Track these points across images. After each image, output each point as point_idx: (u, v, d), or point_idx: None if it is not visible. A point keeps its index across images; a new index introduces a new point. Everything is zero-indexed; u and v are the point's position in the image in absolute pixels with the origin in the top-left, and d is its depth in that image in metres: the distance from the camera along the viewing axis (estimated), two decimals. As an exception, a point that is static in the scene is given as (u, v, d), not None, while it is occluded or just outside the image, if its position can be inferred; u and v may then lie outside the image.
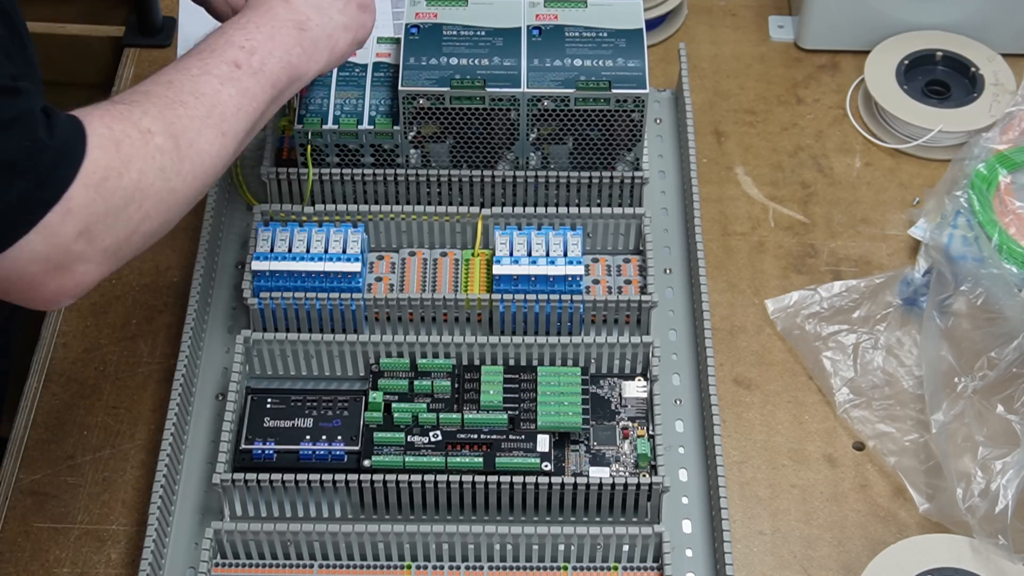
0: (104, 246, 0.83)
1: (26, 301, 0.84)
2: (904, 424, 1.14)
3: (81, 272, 0.83)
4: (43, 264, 0.81)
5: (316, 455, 1.05)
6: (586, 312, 1.14)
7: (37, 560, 1.07)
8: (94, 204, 0.81)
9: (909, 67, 1.40)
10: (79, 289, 0.84)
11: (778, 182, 1.34)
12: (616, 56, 1.17)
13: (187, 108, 0.88)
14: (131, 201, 0.83)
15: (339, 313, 1.13)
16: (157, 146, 0.85)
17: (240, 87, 0.92)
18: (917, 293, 1.20)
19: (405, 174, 1.20)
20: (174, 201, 0.87)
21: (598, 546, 1.01)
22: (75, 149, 0.80)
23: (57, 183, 0.79)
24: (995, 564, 1.04)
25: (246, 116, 0.92)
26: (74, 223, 0.80)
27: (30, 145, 0.77)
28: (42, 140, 0.78)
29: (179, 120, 0.87)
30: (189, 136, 0.87)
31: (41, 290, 0.82)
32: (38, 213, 0.78)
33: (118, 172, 0.82)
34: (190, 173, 0.87)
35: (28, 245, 0.79)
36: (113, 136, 0.83)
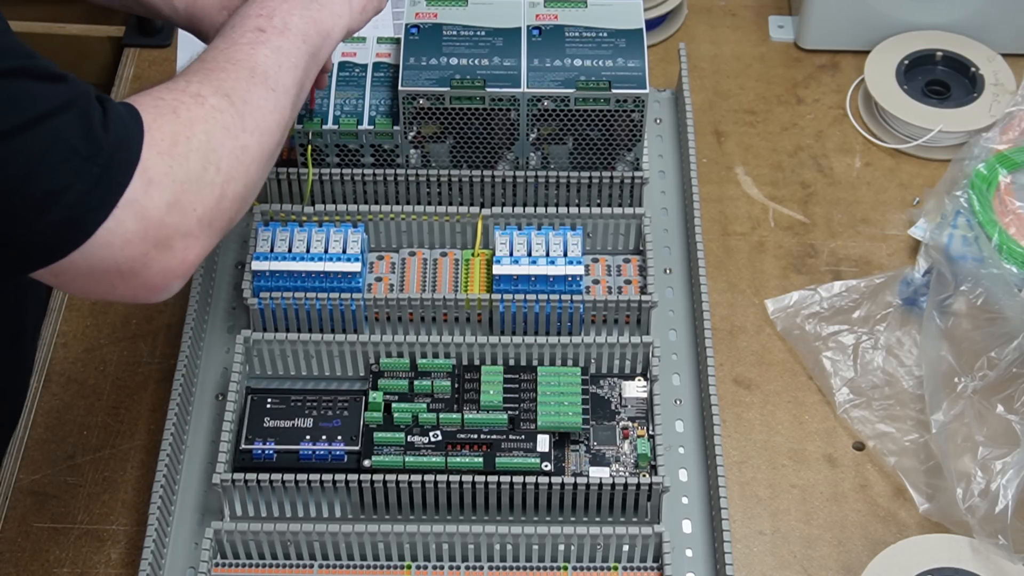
0: (198, 216, 0.82)
1: (136, 291, 0.82)
2: (904, 424, 1.14)
3: (182, 248, 0.82)
4: (141, 244, 0.80)
5: (316, 455, 1.05)
6: (586, 312, 1.14)
7: (37, 560, 1.07)
8: (172, 171, 0.81)
9: (909, 67, 1.40)
10: (185, 267, 0.83)
11: (778, 182, 1.34)
12: (616, 56, 1.17)
13: (228, 73, 0.89)
14: (207, 163, 0.83)
15: (339, 313, 1.13)
16: (213, 106, 0.85)
17: (271, 47, 0.92)
18: (917, 293, 1.20)
19: (405, 174, 1.20)
20: (249, 159, 0.87)
21: (598, 546, 1.01)
22: (131, 127, 0.80)
23: (121, 164, 0.78)
24: (995, 564, 1.04)
25: (289, 72, 0.92)
26: (160, 194, 0.80)
27: (88, 128, 0.77)
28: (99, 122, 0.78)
29: (225, 82, 0.88)
30: (240, 94, 0.87)
31: (147, 274, 0.81)
32: (111, 195, 0.78)
33: (185, 136, 0.82)
34: (255, 128, 0.87)
35: (120, 227, 0.78)
36: (168, 105, 0.83)
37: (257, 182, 0.89)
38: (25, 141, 0.74)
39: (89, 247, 0.78)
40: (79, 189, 0.76)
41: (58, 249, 0.78)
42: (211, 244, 0.85)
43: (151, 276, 0.82)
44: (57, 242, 0.77)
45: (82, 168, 0.76)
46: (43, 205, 0.76)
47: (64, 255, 0.78)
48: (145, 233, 0.80)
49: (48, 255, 0.78)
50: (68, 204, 0.76)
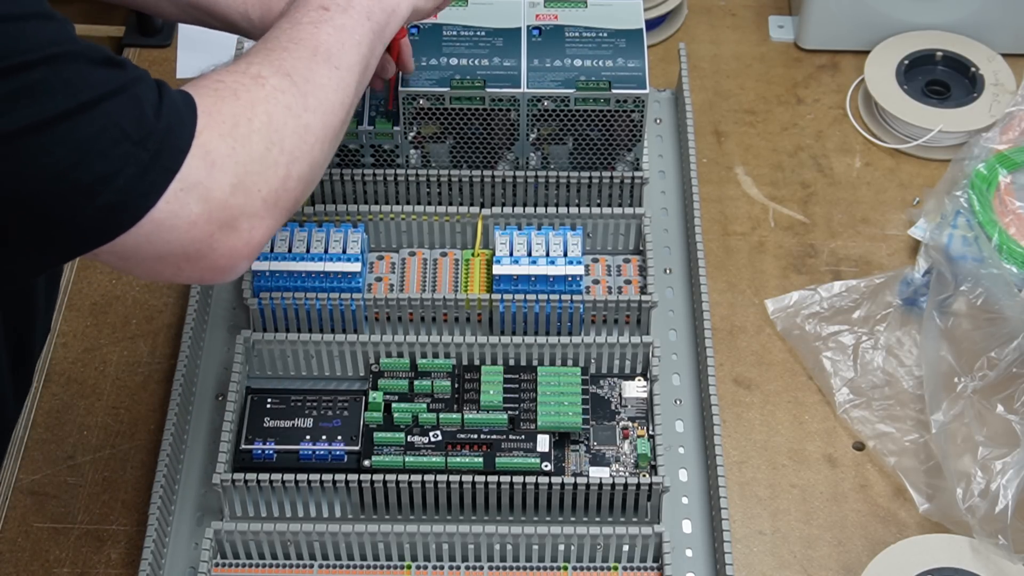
0: (263, 196, 0.82)
1: (203, 272, 0.82)
2: (904, 424, 1.14)
3: (247, 228, 0.82)
4: (206, 226, 0.79)
5: (316, 455, 1.06)
6: (586, 312, 1.14)
7: (37, 560, 1.07)
8: (235, 152, 0.80)
9: (909, 67, 1.40)
10: (251, 248, 0.83)
11: (778, 182, 1.34)
12: (616, 56, 1.17)
13: (290, 52, 0.88)
14: (271, 144, 0.83)
15: (339, 313, 1.13)
16: (274, 86, 0.85)
17: (335, 24, 0.92)
18: (917, 293, 1.20)
19: (405, 174, 1.20)
20: (312, 138, 0.86)
21: (598, 546, 1.01)
22: (185, 114, 0.79)
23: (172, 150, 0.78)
24: (995, 564, 1.04)
25: (353, 50, 0.92)
26: (223, 176, 0.80)
27: (140, 113, 0.77)
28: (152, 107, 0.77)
29: (286, 61, 0.87)
30: (301, 73, 0.87)
31: (213, 256, 0.81)
32: (161, 181, 0.77)
33: (247, 117, 0.82)
34: (317, 107, 0.87)
35: (184, 209, 0.78)
36: (228, 87, 0.83)
37: (322, 162, 0.88)
38: (77, 125, 0.74)
39: (154, 231, 0.78)
40: (128, 174, 0.76)
41: (105, 233, 0.77)
42: (277, 224, 0.85)
43: (217, 258, 0.81)
44: (104, 226, 0.77)
45: (132, 153, 0.76)
46: (92, 189, 0.75)
47: (111, 239, 0.77)
48: (210, 215, 0.79)
49: (95, 239, 0.77)
50: (117, 189, 0.76)
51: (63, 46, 0.75)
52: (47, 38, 0.74)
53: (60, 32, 0.75)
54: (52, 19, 0.75)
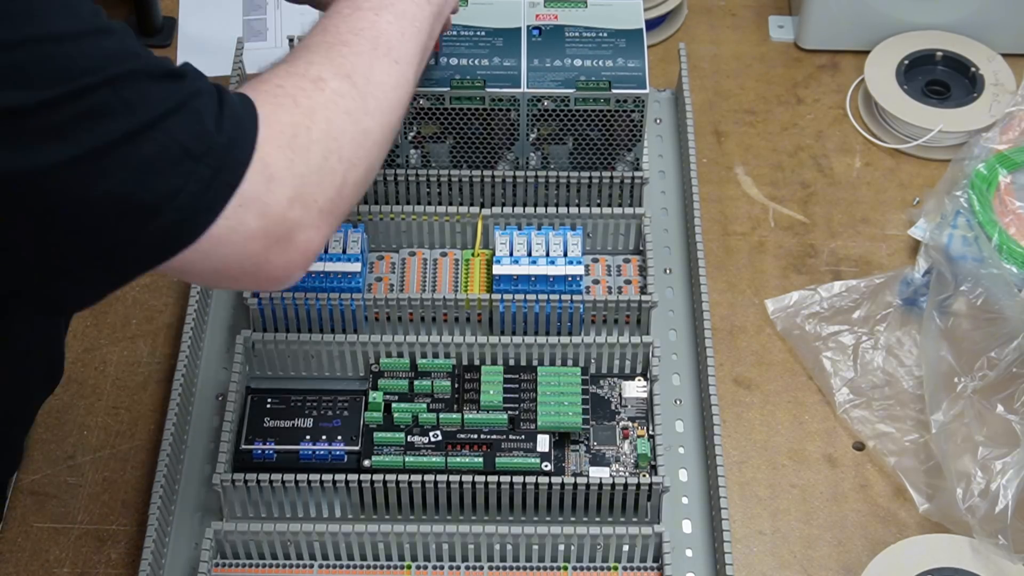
0: (319, 207, 0.80)
1: (259, 283, 0.81)
2: (904, 424, 1.14)
3: (303, 240, 0.80)
4: (263, 240, 0.78)
5: (316, 455, 1.05)
6: (586, 312, 1.14)
7: (37, 560, 1.07)
8: (294, 164, 0.79)
9: (909, 67, 1.40)
10: (306, 259, 0.81)
11: (778, 182, 1.34)
12: (616, 56, 1.17)
13: (351, 47, 0.86)
14: (329, 153, 0.81)
15: (339, 313, 1.13)
16: (334, 90, 0.83)
17: (396, 11, 0.90)
18: (917, 293, 1.20)
19: (405, 174, 1.20)
20: (371, 143, 0.84)
21: (598, 546, 1.01)
22: (246, 124, 0.78)
23: (233, 165, 0.76)
24: (995, 564, 1.04)
25: (413, 39, 0.90)
26: (281, 190, 0.78)
27: (202, 128, 0.75)
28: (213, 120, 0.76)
29: (347, 60, 0.85)
30: (362, 72, 0.85)
31: (268, 268, 0.80)
32: (222, 197, 0.76)
33: (306, 127, 0.80)
34: (376, 109, 0.85)
35: (242, 225, 0.77)
36: (287, 93, 0.81)
37: (377, 164, 0.87)
38: (139, 146, 0.73)
39: (212, 247, 0.77)
40: (190, 191, 0.75)
41: (167, 251, 0.76)
42: (331, 232, 0.83)
43: (273, 269, 0.80)
44: (166, 244, 0.76)
45: (193, 170, 0.75)
46: (154, 209, 0.74)
47: (172, 256, 0.76)
48: (267, 230, 0.78)
49: (156, 257, 0.76)
50: (178, 207, 0.74)
51: (123, 64, 0.73)
52: (107, 56, 0.72)
53: (119, 47, 0.74)
54: (111, 33, 0.74)
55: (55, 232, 0.73)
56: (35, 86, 0.69)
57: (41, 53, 0.69)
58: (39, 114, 0.69)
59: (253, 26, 1.44)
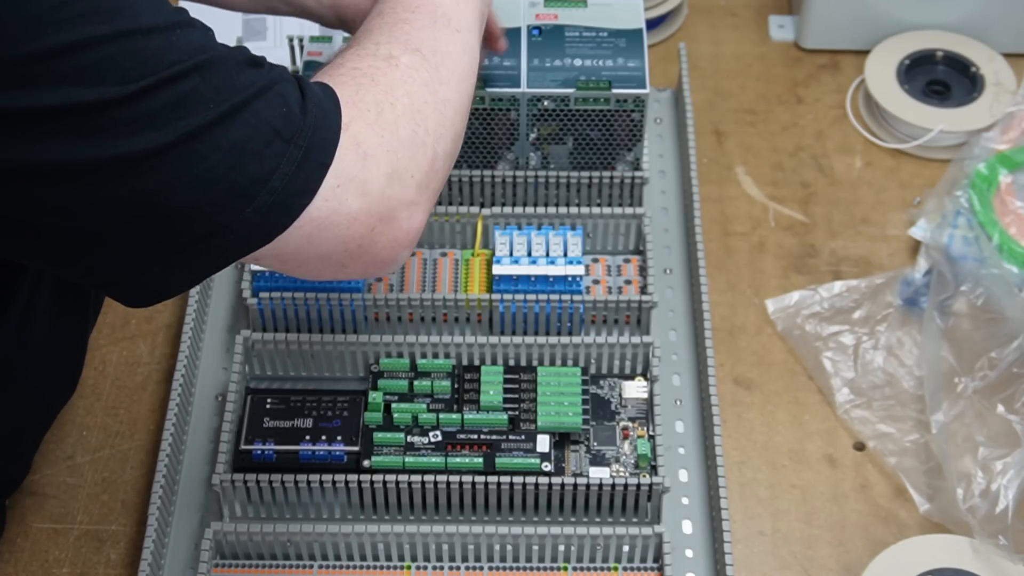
0: (416, 181, 0.81)
1: (366, 267, 0.81)
2: (904, 424, 1.14)
3: (406, 216, 0.81)
4: (366, 220, 0.78)
5: (316, 455, 1.05)
6: (586, 312, 1.14)
7: (37, 560, 1.07)
8: (384, 140, 0.79)
9: (909, 67, 1.39)
10: (411, 236, 0.81)
11: (778, 182, 1.34)
12: (616, 56, 1.17)
13: (411, 23, 0.87)
14: (416, 126, 0.82)
15: (339, 313, 1.13)
16: (407, 65, 0.84)
17: None
18: (917, 293, 1.20)
19: (405, 174, 1.19)
20: (452, 111, 0.85)
21: (598, 546, 1.01)
22: (328, 107, 0.78)
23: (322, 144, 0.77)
24: (996, 564, 1.04)
25: (468, 6, 0.90)
26: (377, 166, 0.79)
27: (288, 111, 0.76)
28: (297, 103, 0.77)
29: (411, 35, 0.86)
30: (428, 44, 0.86)
31: (375, 249, 0.80)
32: (315, 177, 0.76)
33: (389, 103, 0.81)
34: (451, 78, 0.86)
35: (343, 206, 0.77)
36: (363, 73, 0.82)
37: (461, 134, 0.87)
38: (230, 128, 0.73)
39: (315, 231, 0.77)
40: (283, 173, 0.75)
41: (264, 235, 0.76)
42: (430, 207, 0.83)
43: (379, 250, 0.80)
44: (263, 228, 0.76)
45: (285, 151, 0.75)
46: (249, 192, 0.74)
47: (269, 241, 0.76)
48: (369, 208, 0.78)
49: (254, 242, 0.77)
50: (273, 189, 0.75)
51: (208, 52, 0.74)
52: (193, 47, 0.73)
53: (203, 39, 0.75)
54: (194, 26, 0.75)
55: (150, 220, 0.74)
56: (128, 79, 0.70)
57: (132, 47, 0.70)
58: (132, 104, 0.70)
59: (252, 26, 1.44)
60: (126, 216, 0.73)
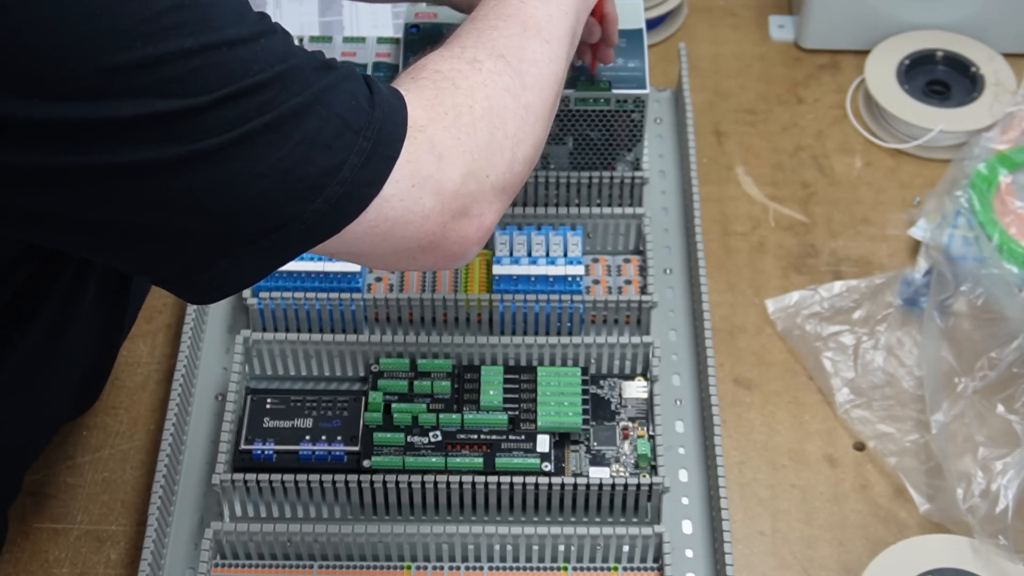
0: (491, 182, 0.82)
1: (436, 260, 0.83)
2: (904, 424, 1.14)
3: (478, 215, 0.82)
4: (439, 218, 0.80)
5: (316, 455, 1.05)
6: (586, 312, 1.14)
7: (37, 560, 1.07)
8: (461, 142, 0.81)
9: (909, 67, 1.39)
10: (482, 233, 0.83)
11: (778, 182, 1.34)
12: (616, 56, 1.17)
13: (500, 31, 0.88)
14: (495, 129, 0.83)
15: (339, 313, 1.13)
16: (491, 70, 0.85)
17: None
18: (917, 293, 1.20)
19: (405, 174, 1.19)
20: (533, 118, 0.86)
21: (598, 546, 1.01)
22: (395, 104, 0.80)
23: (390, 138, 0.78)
24: (996, 564, 1.04)
25: (560, 21, 0.91)
26: (453, 167, 0.80)
27: (357, 104, 0.77)
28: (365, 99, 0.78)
29: (498, 42, 0.87)
30: (515, 52, 0.87)
31: (446, 245, 0.82)
32: (384, 169, 0.78)
33: (468, 105, 0.82)
34: (534, 85, 0.87)
35: (418, 204, 0.79)
36: (445, 77, 0.83)
37: (542, 140, 0.88)
38: (303, 120, 0.75)
39: (390, 229, 0.79)
40: (352, 164, 0.76)
41: (333, 227, 0.77)
42: (504, 208, 0.85)
43: (450, 246, 0.82)
44: (332, 219, 0.77)
45: (354, 143, 0.77)
46: (319, 183, 0.76)
47: (336, 232, 0.78)
48: (443, 207, 0.80)
49: (321, 233, 0.78)
50: (343, 180, 0.76)
51: (288, 60, 0.75)
52: (276, 54, 0.75)
53: (285, 44, 0.76)
54: (276, 32, 0.76)
55: (221, 212, 0.75)
56: (211, 89, 0.71)
57: (217, 59, 0.72)
58: (213, 112, 0.72)
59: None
60: (198, 210, 0.74)
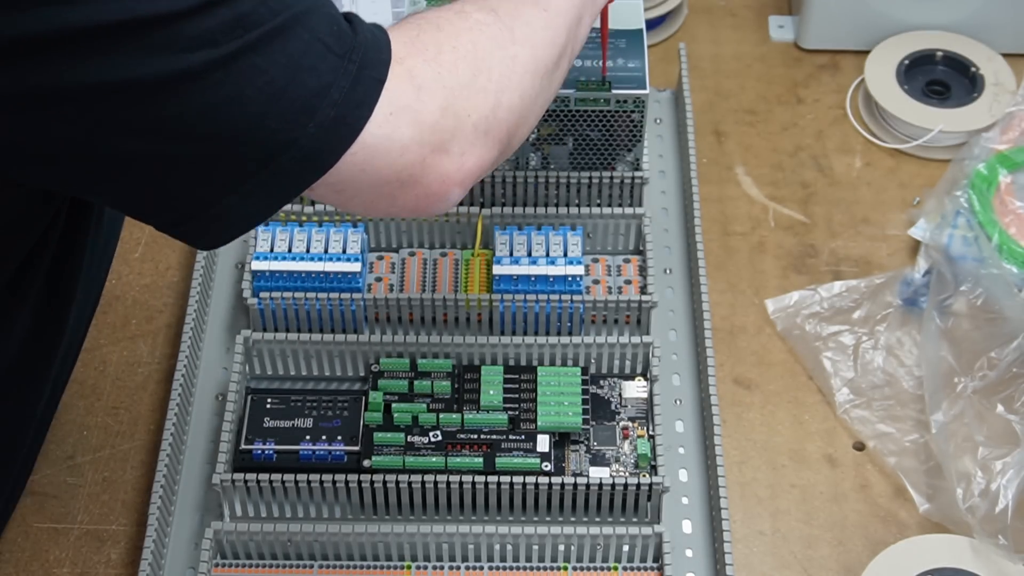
0: (473, 121, 0.82)
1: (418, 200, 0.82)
2: (904, 424, 1.14)
3: (459, 152, 0.82)
4: (419, 149, 0.80)
5: (316, 455, 1.05)
6: (586, 312, 1.14)
7: (37, 560, 1.07)
8: (441, 77, 0.81)
9: (909, 67, 1.40)
10: (463, 174, 0.83)
11: (778, 182, 1.34)
12: (616, 56, 1.17)
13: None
14: (477, 72, 0.83)
15: (339, 313, 1.13)
16: (478, 20, 0.85)
17: None
18: (917, 293, 1.20)
19: (405, 174, 1.19)
20: (521, 68, 0.86)
21: (598, 546, 1.01)
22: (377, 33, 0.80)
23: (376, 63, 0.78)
24: (995, 564, 1.04)
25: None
26: (431, 99, 0.80)
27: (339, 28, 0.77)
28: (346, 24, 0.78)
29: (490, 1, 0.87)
30: (507, 9, 0.87)
31: (426, 181, 0.81)
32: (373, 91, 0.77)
33: (451, 45, 0.82)
34: (524, 40, 0.87)
35: (396, 132, 0.79)
36: (429, 21, 0.84)
37: (534, 96, 0.88)
38: (287, 41, 0.74)
39: (368, 158, 0.78)
40: (341, 86, 0.76)
41: (330, 153, 0.77)
42: (490, 156, 0.84)
43: (430, 182, 0.81)
44: (327, 145, 0.77)
45: (340, 65, 0.76)
46: (310, 105, 0.75)
47: (336, 159, 0.77)
48: (421, 138, 0.80)
49: (320, 161, 0.77)
50: (333, 102, 0.76)
51: None
52: None
53: None
54: None
55: (216, 141, 0.74)
56: None
57: None
58: (192, 20, 0.71)
59: None
60: (192, 137, 0.73)
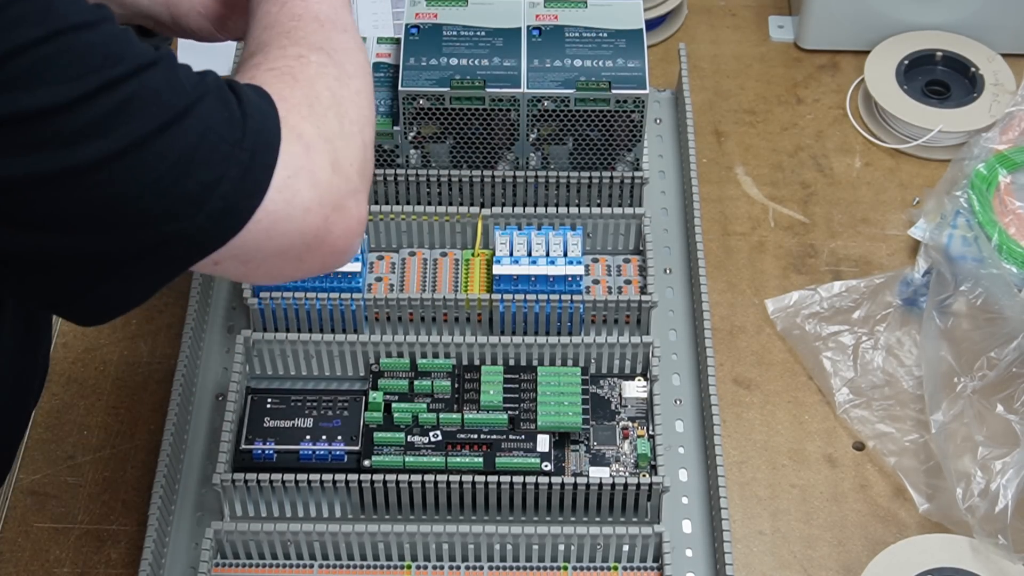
0: (355, 169, 0.82)
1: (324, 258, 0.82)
2: (904, 424, 1.14)
3: (353, 204, 0.82)
4: (320, 209, 0.79)
5: (316, 455, 1.06)
6: (586, 312, 1.15)
7: (37, 560, 1.07)
8: (320, 131, 0.81)
9: (909, 67, 1.40)
10: (360, 223, 0.83)
11: (778, 182, 1.34)
12: (616, 56, 1.17)
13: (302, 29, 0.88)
14: (342, 116, 0.83)
15: (339, 313, 1.13)
16: (316, 62, 0.85)
17: None
18: (917, 293, 1.20)
19: (405, 174, 1.20)
20: (364, 101, 0.87)
21: (598, 546, 1.01)
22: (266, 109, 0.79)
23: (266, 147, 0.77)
24: (995, 564, 1.04)
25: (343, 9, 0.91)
26: (320, 156, 0.80)
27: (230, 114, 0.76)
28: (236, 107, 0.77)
29: (308, 38, 0.87)
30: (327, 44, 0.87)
31: (331, 239, 0.81)
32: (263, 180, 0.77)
33: (315, 95, 0.82)
34: (355, 72, 0.87)
35: (296, 196, 0.78)
36: (283, 72, 0.83)
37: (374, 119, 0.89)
38: (176, 135, 0.73)
39: (272, 224, 0.77)
40: (232, 176, 0.75)
41: (216, 240, 0.76)
42: (368, 194, 0.85)
43: (335, 240, 0.81)
44: (214, 233, 0.76)
45: (232, 154, 0.75)
46: (200, 198, 0.74)
47: (221, 245, 0.76)
48: (320, 198, 0.79)
49: (206, 246, 0.76)
50: (223, 194, 0.75)
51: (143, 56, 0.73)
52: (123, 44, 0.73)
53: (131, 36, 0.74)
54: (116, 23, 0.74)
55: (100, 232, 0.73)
56: (66, 78, 0.69)
57: (66, 45, 0.70)
58: (75, 111, 0.70)
59: None
60: (75, 228, 0.72)
